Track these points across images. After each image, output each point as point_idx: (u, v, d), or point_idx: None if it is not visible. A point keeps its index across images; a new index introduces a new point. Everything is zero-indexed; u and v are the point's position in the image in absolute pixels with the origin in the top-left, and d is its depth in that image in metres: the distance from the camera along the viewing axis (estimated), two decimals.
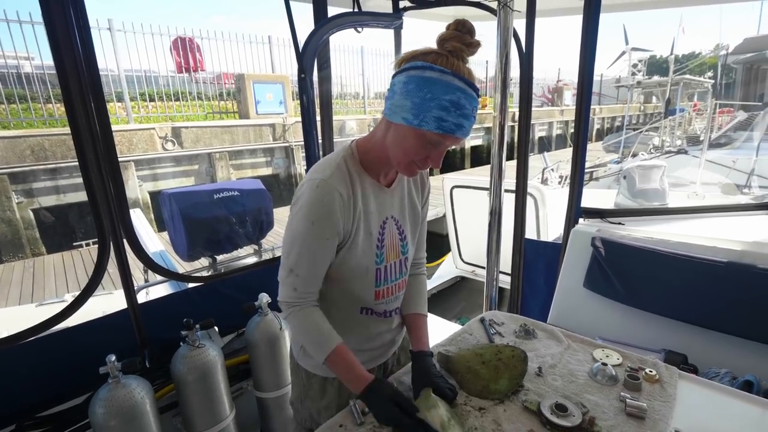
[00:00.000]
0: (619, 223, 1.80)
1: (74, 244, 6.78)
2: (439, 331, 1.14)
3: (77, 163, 1.30)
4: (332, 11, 1.89)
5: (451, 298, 4.55)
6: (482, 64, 16.88)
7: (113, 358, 1.22)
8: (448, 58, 0.84)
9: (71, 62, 1.23)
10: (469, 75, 0.85)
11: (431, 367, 1.06)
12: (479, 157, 15.22)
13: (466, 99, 0.83)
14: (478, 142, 15.28)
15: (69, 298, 2.46)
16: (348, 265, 1.00)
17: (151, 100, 8.64)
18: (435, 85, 0.82)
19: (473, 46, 0.86)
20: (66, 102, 1.26)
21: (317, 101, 2.00)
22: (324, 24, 1.81)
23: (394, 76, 0.90)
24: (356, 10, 1.92)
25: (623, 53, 17.16)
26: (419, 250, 1.22)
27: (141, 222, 3.81)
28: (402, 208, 1.08)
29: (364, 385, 0.94)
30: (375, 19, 1.92)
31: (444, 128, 0.83)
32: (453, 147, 0.94)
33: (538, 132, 18.28)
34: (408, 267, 1.13)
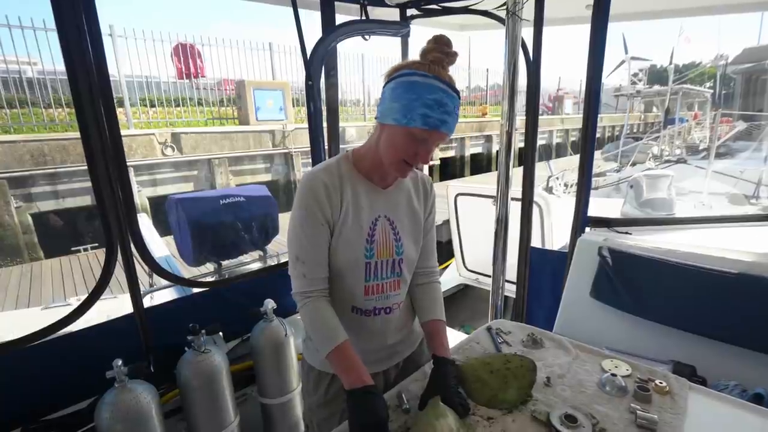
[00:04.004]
0: (627, 233, 1.79)
1: (72, 249, 6.71)
2: None
3: (78, 168, 1.30)
4: (340, 19, 1.90)
5: (455, 306, 4.51)
6: (482, 72, 17.03)
7: (120, 362, 1.21)
8: (430, 66, 0.96)
9: (82, 69, 1.23)
10: (449, 80, 0.96)
11: (449, 378, 1.04)
12: (479, 165, 15.29)
13: (448, 98, 0.94)
14: (478, 150, 15.32)
15: (73, 301, 2.44)
16: (338, 255, 1.05)
17: (152, 105, 8.65)
18: (420, 87, 0.93)
19: (451, 55, 0.98)
20: (77, 107, 1.26)
21: (324, 108, 2.01)
22: (332, 32, 1.82)
23: (384, 86, 1.01)
24: (364, 18, 1.93)
25: (622, 62, 17.29)
26: (428, 258, 1.24)
27: (147, 227, 3.80)
28: (398, 210, 1.12)
29: (361, 384, 0.92)
30: (383, 27, 1.94)
31: (429, 124, 0.92)
32: (441, 144, 1.02)
33: (539, 140, 18.36)
34: (403, 269, 1.13)
